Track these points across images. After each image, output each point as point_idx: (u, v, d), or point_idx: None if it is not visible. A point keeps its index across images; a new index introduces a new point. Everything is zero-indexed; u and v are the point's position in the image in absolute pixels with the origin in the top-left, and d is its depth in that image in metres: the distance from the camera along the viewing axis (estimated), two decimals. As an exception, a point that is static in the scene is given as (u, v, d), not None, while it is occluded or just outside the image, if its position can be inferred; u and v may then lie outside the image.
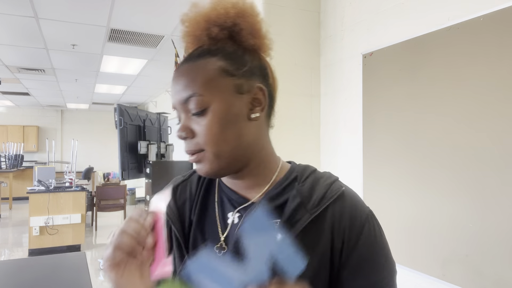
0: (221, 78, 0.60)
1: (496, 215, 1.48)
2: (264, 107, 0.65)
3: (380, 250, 0.62)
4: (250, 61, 0.63)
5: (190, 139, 0.61)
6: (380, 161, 2.04)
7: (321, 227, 0.61)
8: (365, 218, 0.62)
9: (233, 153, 0.61)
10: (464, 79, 1.61)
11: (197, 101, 0.59)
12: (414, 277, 1.84)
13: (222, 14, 0.61)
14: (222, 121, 0.59)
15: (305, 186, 0.63)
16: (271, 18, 2.45)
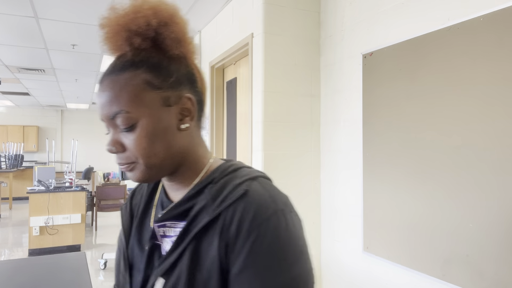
0: (147, 93, 0.59)
1: (496, 215, 1.48)
2: (193, 116, 0.64)
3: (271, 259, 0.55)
4: (176, 71, 0.62)
5: (121, 153, 0.60)
6: (380, 161, 2.04)
7: (214, 231, 0.58)
8: (258, 222, 0.56)
9: (164, 163, 0.62)
10: (464, 79, 1.61)
11: (124, 118, 0.58)
12: (414, 277, 1.84)
13: (143, 24, 0.59)
14: (151, 135, 0.59)
15: (215, 188, 0.62)
16: (271, 18, 2.45)
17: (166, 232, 0.64)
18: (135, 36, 0.60)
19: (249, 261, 0.55)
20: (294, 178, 2.52)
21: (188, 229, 0.60)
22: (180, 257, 0.60)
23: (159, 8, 0.61)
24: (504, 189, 1.46)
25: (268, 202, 0.58)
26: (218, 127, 3.38)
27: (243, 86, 2.94)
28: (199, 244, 0.59)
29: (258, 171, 0.67)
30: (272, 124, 2.45)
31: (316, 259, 2.58)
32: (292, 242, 0.57)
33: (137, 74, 0.59)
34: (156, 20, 0.60)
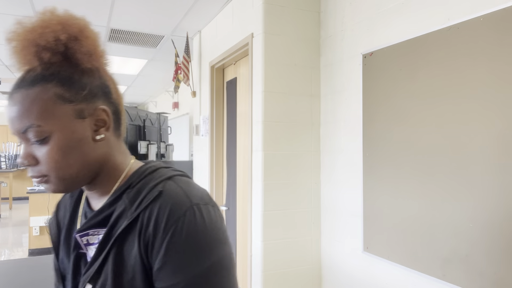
0: (58, 106, 0.60)
1: (497, 215, 1.48)
2: (109, 127, 0.65)
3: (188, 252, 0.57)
4: (89, 83, 0.63)
5: (34, 166, 0.61)
6: (380, 161, 2.04)
7: (134, 233, 0.60)
8: (174, 220, 0.58)
9: (79, 174, 0.63)
10: (464, 79, 1.61)
11: (36, 131, 0.58)
12: (414, 277, 1.84)
13: (51, 40, 0.59)
14: (64, 148, 0.60)
15: (132, 192, 0.64)
16: (271, 18, 2.45)
17: (90, 240, 0.66)
18: (44, 50, 0.60)
19: (168, 256, 0.57)
20: (294, 178, 2.52)
21: (109, 234, 0.62)
22: (104, 262, 0.62)
23: (68, 23, 0.61)
24: (504, 189, 1.46)
25: (183, 199, 0.60)
26: (218, 127, 3.38)
27: (243, 86, 2.94)
28: (121, 248, 0.61)
29: (175, 170, 0.69)
30: (272, 124, 2.45)
31: (316, 259, 2.58)
32: (208, 232, 0.59)
33: (48, 88, 0.60)
34: (66, 35, 0.60)
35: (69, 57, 0.62)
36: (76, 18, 0.63)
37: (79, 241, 0.66)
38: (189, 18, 3.43)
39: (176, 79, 4.02)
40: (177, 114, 6.50)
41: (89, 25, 0.64)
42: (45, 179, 0.61)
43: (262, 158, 2.42)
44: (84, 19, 0.65)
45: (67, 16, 0.62)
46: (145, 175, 0.66)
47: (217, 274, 0.58)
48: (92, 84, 0.63)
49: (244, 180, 2.88)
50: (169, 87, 6.89)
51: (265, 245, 2.42)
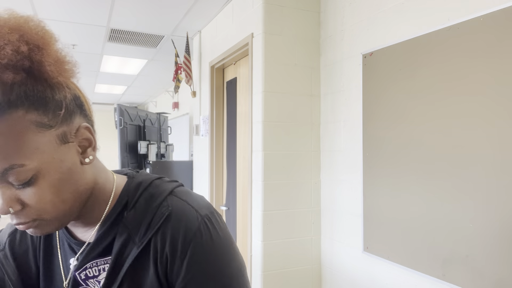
0: (38, 135, 0.49)
1: (496, 215, 1.48)
2: (95, 145, 0.57)
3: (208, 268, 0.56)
4: (63, 100, 0.52)
5: (20, 211, 0.50)
6: (380, 161, 2.04)
7: (148, 258, 0.57)
8: (190, 238, 0.56)
9: (72, 208, 0.55)
10: (464, 79, 1.61)
11: (18, 173, 0.47)
12: (414, 277, 1.84)
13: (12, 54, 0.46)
14: (56, 184, 0.51)
15: (133, 215, 0.59)
16: (271, 18, 2.45)
17: (88, 274, 0.60)
18: (5, 70, 0.46)
19: (191, 274, 0.56)
20: (294, 178, 2.51)
21: (117, 264, 0.57)
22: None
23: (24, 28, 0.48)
24: (504, 189, 1.45)
25: (193, 214, 0.58)
26: (218, 127, 3.38)
27: (243, 86, 2.94)
28: (134, 275, 0.57)
29: (170, 182, 0.64)
30: (272, 124, 2.45)
31: (316, 259, 2.58)
32: (223, 242, 0.59)
33: (19, 116, 0.47)
34: (27, 46, 0.47)
35: (34, 72, 0.49)
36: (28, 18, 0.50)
37: (78, 278, 0.60)
38: (189, 18, 3.43)
39: (176, 79, 4.02)
40: (177, 114, 6.50)
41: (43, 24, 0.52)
42: (36, 223, 0.52)
43: (262, 158, 2.42)
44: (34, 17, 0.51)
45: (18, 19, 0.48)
46: (141, 192, 0.61)
47: (239, 280, 0.59)
48: (66, 100, 0.53)
49: (244, 180, 2.88)
50: (169, 87, 6.88)
51: (265, 245, 2.42)
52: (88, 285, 0.60)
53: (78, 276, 0.60)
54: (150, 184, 0.62)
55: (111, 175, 0.64)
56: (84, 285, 0.60)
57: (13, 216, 0.51)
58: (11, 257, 0.63)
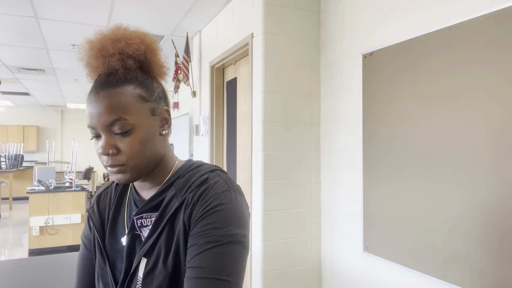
0: (139, 104, 0.72)
1: (496, 215, 1.48)
2: (170, 124, 0.79)
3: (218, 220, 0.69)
4: (157, 88, 0.77)
5: (114, 155, 0.71)
6: (380, 161, 2.04)
7: (181, 208, 0.73)
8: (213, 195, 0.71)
9: (149, 164, 0.75)
10: (464, 79, 1.61)
11: (122, 124, 0.70)
12: (414, 277, 1.84)
13: (135, 49, 0.72)
14: (142, 139, 0.72)
15: (181, 180, 0.76)
16: (271, 18, 2.45)
17: (143, 223, 0.77)
18: (128, 58, 0.72)
19: (201, 219, 0.69)
20: (294, 178, 2.51)
21: (161, 216, 0.74)
22: (157, 239, 0.73)
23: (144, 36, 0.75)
24: (504, 189, 1.45)
25: (222, 184, 0.74)
26: (218, 127, 3.38)
27: (243, 86, 2.94)
28: (172, 225, 0.73)
29: (216, 166, 0.81)
30: (272, 124, 2.45)
31: (316, 259, 2.58)
32: (238, 211, 0.71)
33: (130, 89, 0.72)
34: (144, 47, 0.74)
35: (144, 65, 0.75)
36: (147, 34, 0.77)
37: (136, 223, 0.77)
38: (189, 18, 3.43)
39: (176, 79, 4.02)
40: (177, 114, 6.50)
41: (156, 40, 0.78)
42: (122, 168, 0.72)
43: (262, 158, 2.42)
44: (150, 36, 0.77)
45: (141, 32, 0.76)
46: (192, 168, 0.79)
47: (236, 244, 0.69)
48: (158, 89, 0.77)
49: (244, 180, 2.88)
50: (169, 87, 6.88)
51: (265, 245, 2.42)
52: (141, 232, 0.77)
53: (136, 222, 0.77)
54: (200, 165, 0.80)
55: (175, 157, 0.84)
56: (138, 231, 0.77)
57: (109, 158, 0.71)
58: (97, 211, 0.86)
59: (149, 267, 0.72)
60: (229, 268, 0.67)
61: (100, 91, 0.71)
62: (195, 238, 0.69)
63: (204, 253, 0.67)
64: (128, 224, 0.80)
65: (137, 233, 0.78)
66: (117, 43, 0.72)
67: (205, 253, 0.67)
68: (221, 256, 0.67)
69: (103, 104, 0.70)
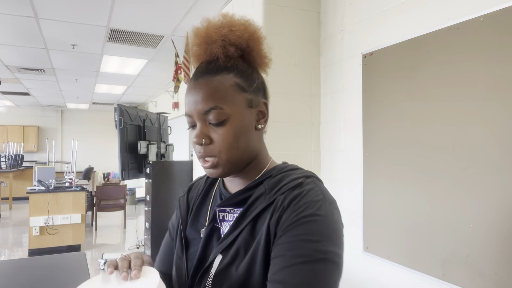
0: (237, 93, 0.69)
1: (496, 215, 1.48)
2: (267, 119, 0.74)
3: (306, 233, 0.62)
4: (257, 79, 0.73)
5: (207, 145, 0.69)
6: (380, 160, 2.04)
7: (268, 211, 0.67)
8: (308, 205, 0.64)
9: (241, 159, 0.71)
10: (464, 79, 1.61)
11: (218, 113, 0.67)
12: (414, 277, 1.84)
13: (238, 36, 0.69)
14: (236, 131, 0.68)
15: (273, 180, 0.71)
16: (271, 18, 2.45)
17: (225, 217, 0.74)
18: (230, 45, 0.70)
19: (291, 227, 0.62)
20: (294, 178, 2.51)
21: (245, 213, 0.70)
22: (237, 237, 0.68)
23: (248, 24, 0.72)
24: (504, 189, 1.45)
25: (318, 193, 0.67)
26: (218, 127, 3.37)
27: (243, 86, 2.94)
28: (254, 226, 0.68)
29: (312, 172, 0.75)
30: (272, 124, 2.45)
31: (316, 259, 2.57)
32: (332, 226, 0.64)
33: (229, 77, 0.69)
34: (248, 34, 0.71)
35: (246, 54, 0.72)
36: (251, 21, 0.73)
37: (217, 215, 0.74)
38: (189, 18, 3.43)
39: (176, 79, 4.02)
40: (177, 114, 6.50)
41: (260, 28, 0.74)
42: (215, 161, 0.69)
43: (262, 158, 2.42)
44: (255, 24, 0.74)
45: (245, 20, 0.73)
46: (286, 170, 0.74)
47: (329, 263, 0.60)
48: (258, 80, 0.73)
49: (244, 180, 2.88)
50: (169, 87, 6.88)
51: (265, 245, 2.42)
52: (222, 226, 0.74)
53: (218, 214, 0.74)
54: (296, 169, 0.75)
55: (270, 157, 0.80)
56: (219, 224, 0.74)
57: (202, 148, 0.69)
58: (185, 200, 0.85)
59: (223, 265, 0.68)
60: None
61: (200, 77, 0.69)
62: (283, 249, 0.61)
63: (294, 267, 0.59)
64: (210, 216, 0.77)
65: (217, 226, 0.74)
66: (220, 29, 0.70)
67: (296, 267, 0.59)
68: (313, 274, 0.59)
69: (201, 91, 0.68)
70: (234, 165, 0.70)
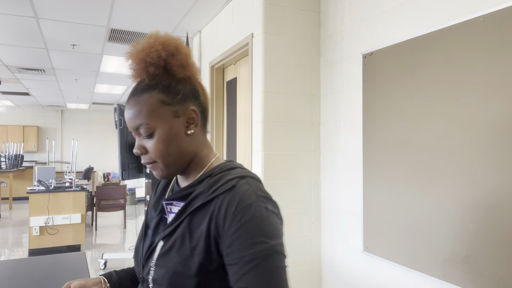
0: (161, 108, 0.78)
1: (496, 215, 1.48)
2: (197, 124, 0.83)
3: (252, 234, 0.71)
4: (183, 89, 0.81)
5: (144, 155, 0.80)
6: (380, 161, 2.04)
7: (207, 212, 0.76)
8: (242, 208, 0.73)
9: (177, 162, 0.81)
10: (464, 79, 1.61)
11: (145, 128, 0.77)
12: (414, 277, 1.84)
13: (156, 56, 0.77)
14: (165, 141, 0.78)
15: (211, 180, 0.80)
16: (271, 18, 2.45)
17: (172, 209, 0.85)
18: (150, 66, 0.78)
19: (236, 236, 0.72)
20: (294, 178, 2.51)
21: (186, 208, 0.79)
22: (177, 227, 0.79)
23: (167, 43, 0.79)
24: (504, 189, 1.46)
25: (251, 195, 0.75)
26: (218, 127, 3.38)
27: (243, 86, 2.94)
28: (192, 220, 0.78)
29: (249, 172, 0.83)
30: (272, 124, 2.45)
31: (316, 259, 2.58)
32: (270, 221, 0.74)
33: (153, 95, 0.78)
34: (165, 53, 0.78)
35: (168, 69, 0.80)
36: (173, 38, 0.81)
37: (165, 207, 0.86)
38: (189, 18, 3.43)
39: (176, 79, 4.02)
40: (177, 114, 6.50)
41: (182, 43, 0.82)
42: (154, 165, 0.80)
43: (262, 158, 2.42)
44: (179, 39, 0.82)
45: (166, 37, 0.80)
46: (225, 170, 0.82)
47: (274, 255, 0.71)
48: (184, 90, 0.81)
49: (244, 180, 2.88)
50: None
51: (265, 245, 2.42)
52: (169, 216, 0.85)
53: (166, 207, 0.86)
54: (234, 168, 0.83)
55: (214, 155, 0.88)
56: (166, 215, 0.86)
57: (141, 157, 0.81)
58: (155, 192, 0.98)
59: (163, 250, 0.79)
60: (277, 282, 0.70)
61: (130, 98, 0.80)
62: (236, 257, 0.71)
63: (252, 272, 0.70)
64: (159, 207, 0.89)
65: (165, 216, 0.86)
66: (141, 53, 0.78)
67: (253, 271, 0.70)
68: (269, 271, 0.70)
69: (130, 110, 0.79)
70: (172, 168, 0.81)
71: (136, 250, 0.90)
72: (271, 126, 2.45)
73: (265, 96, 2.43)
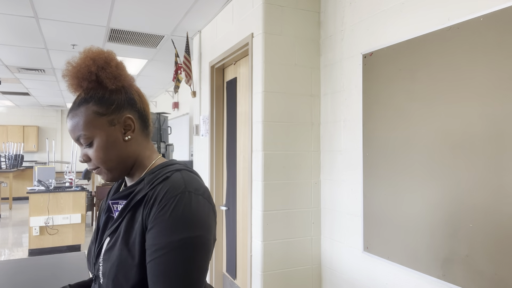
0: (97, 119, 0.84)
1: (496, 215, 1.48)
2: (134, 129, 0.89)
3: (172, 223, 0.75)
4: (117, 99, 0.87)
5: (88, 162, 0.87)
6: (380, 161, 2.04)
7: (142, 203, 0.83)
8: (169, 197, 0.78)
9: (119, 166, 0.87)
10: (464, 79, 1.61)
11: (84, 138, 0.84)
12: (414, 277, 1.84)
13: (86, 72, 0.84)
14: (104, 148, 0.85)
15: (151, 176, 0.86)
16: (271, 18, 2.45)
17: (117, 208, 0.90)
18: (83, 81, 0.85)
19: (157, 222, 0.77)
20: (294, 178, 2.51)
21: (128, 204, 0.85)
22: (120, 223, 0.85)
23: (97, 57, 0.85)
24: (504, 189, 1.46)
25: (181, 185, 0.80)
26: (218, 127, 3.38)
27: (243, 86, 2.94)
28: (133, 214, 0.84)
29: (187, 167, 0.89)
30: (272, 124, 2.45)
31: (316, 259, 2.58)
32: (191, 213, 0.77)
33: (88, 107, 0.84)
34: (95, 67, 0.84)
35: (100, 82, 0.85)
36: (103, 52, 0.86)
37: (111, 206, 0.92)
38: (189, 18, 3.43)
39: (176, 79, 4.02)
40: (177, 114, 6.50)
41: (113, 55, 0.87)
42: (98, 170, 0.87)
43: (262, 158, 2.42)
44: (110, 52, 0.88)
45: (97, 52, 0.85)
46: (163, 166, 0.88)
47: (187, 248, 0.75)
48: (119, 100, 0.87)
49: (244, 180, 2.88)
50: (169, 87, 6.88)
51: (265, 245, 2.42)
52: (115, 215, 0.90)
53: (112, 206, 0.92)
54: (171, 164, 0.89)
55: (156, 156, 0.94)
56: (113, 214, 0.91)
57: (87, 164, 0.87)
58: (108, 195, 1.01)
59: (109, 246, 0.85)
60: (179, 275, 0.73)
61: (69, 112, 0.87)
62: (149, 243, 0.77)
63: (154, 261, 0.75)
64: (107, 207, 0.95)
65: (112, 215, 0.92)
66: (73, 70, 0.84)
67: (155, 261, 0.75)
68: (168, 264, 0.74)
69: (69, 124, 0.86)
70: (116, 171, 0.87)
71: (89, 251, 0.95)
72: (271, 126, 2.45)
73: (265, 96, 2.43)
